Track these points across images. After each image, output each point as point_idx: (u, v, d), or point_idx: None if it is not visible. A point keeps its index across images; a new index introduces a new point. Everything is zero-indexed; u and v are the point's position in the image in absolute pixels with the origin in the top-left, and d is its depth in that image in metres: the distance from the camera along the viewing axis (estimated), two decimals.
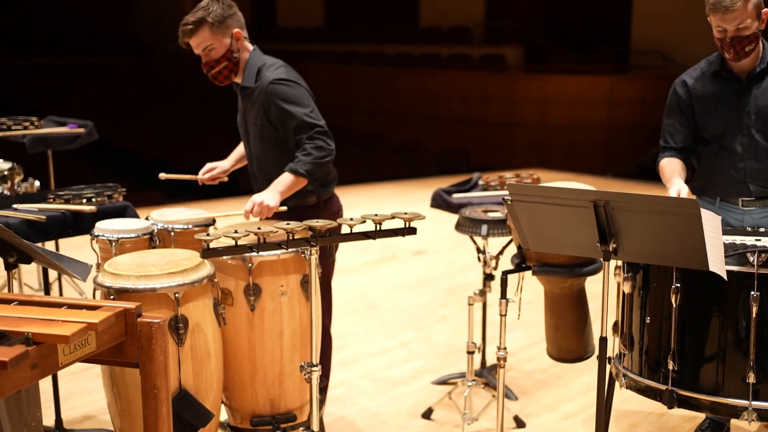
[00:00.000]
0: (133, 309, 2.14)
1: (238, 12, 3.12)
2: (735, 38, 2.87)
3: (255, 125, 3.11)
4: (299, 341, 2.92)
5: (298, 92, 3.05)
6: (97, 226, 2.96)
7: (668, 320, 2.52)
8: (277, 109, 3.02)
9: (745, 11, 2.82)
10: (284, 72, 3.08)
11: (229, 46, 3.05)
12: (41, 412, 2.17)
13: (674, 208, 2.22)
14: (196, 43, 3.05)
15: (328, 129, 3.05)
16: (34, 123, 4.66)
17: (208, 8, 3.01)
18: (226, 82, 3.14)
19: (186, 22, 3.04)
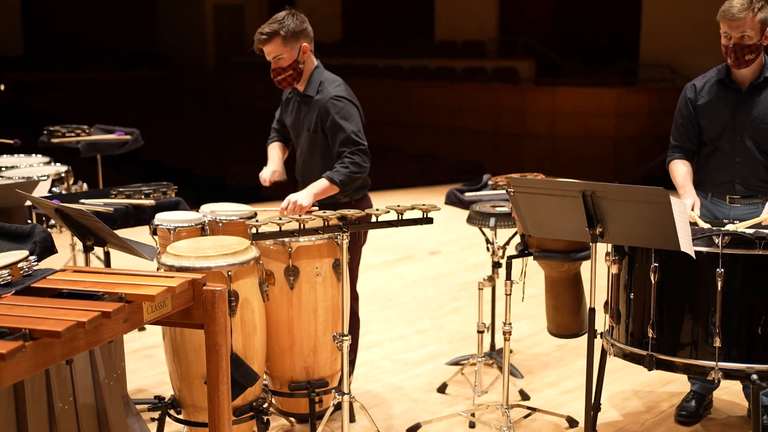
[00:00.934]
0: (200, 279, 2.59)
1: (309, 27, 3.51)
2: (737, 45, 3.28)
3: (308, 130, 3.53)
4: (331, 317, 3.37)
5: (352, 111, 3.47)
6: (157, 217, 3.42)
7: (648, 295, 2.96)
8: (331, 121, 3.42)
9: (750, 22, 3.23)
10: (344, 90, 3.50)
11: (296, 57, 3.45)
12: (125, 363, 2.63)
13: (647, 197, 2.66)
14: (267, 50, 3.45)
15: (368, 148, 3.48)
16: (85, 131, 5.16)
17: (283, 21, 3.42)
18: (289, 87, 3.55)
19: (262, 31, 3.44)
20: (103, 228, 2.90)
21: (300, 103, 3.61)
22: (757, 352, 2.81)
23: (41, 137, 5.19)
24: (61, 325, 2.07)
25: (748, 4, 3.24)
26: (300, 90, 3.58)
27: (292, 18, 3.46)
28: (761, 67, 3.39)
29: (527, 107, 13.34)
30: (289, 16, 3.46)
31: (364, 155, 3.45)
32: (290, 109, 3.71)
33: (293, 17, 3.46)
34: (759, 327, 2.81)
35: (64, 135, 5.03)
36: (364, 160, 3.45)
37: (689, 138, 3.52)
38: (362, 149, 3.45)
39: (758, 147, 3.38)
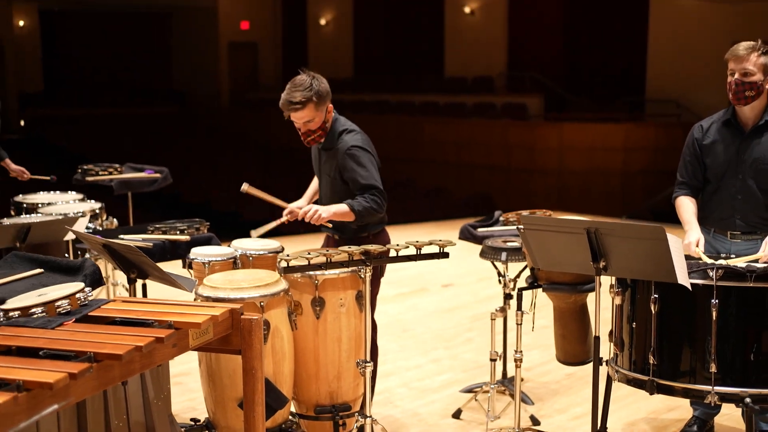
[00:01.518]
0: (239, 308, 2.85)
1: (328, 88, 3.69)
2: (739, 81, 3.55)
3: (328, 175, 3.78)
4: (354, 345, 3.61)
5: (367, 158, 3.70)
6: (193, 251, 3.68)
7: (649, 324, 3.19)
8: (349, 169, 3.66)
9: (752, 61, 3.50)
10: (360, 140, 3.71)
11: (323, 118, 3.66)
12: (170, 385, 2.88)
13: (646, 234, 2.91)
14: (298, 116, 3.62)
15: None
16: (117, 169, 5.46)
17: (312, 88, 3.58)
18: (313, 144, 3.77)
19: (293, 100, 3.59)
20: (147, 262, 3.16)
21: (321, 151, 3.85)
22: (750, 377, 3.04)
23: (75, 175, 5.49)
24: (121, 349, 2.33)
25: (751, 47, 3.54)
26: (322, 141, 3.81)
27: (317, 82, 3.62)
28: (763, 109, 3.65)
29: (536, 142, 13.64)
30: (314, 81, 3.62)
31: (381, 197, 3.69)
32: (314, 156, 3.98)
33: (317, 81, 3.63)
34: (751, 354, 3.03)
35: (98, 173, 5.33)
36: (382, 201, 3.69)
37: (695, 175, 3.76)
38: (378, 191, 3.68)
39: (759, 186, 3.62)
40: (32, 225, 4.10)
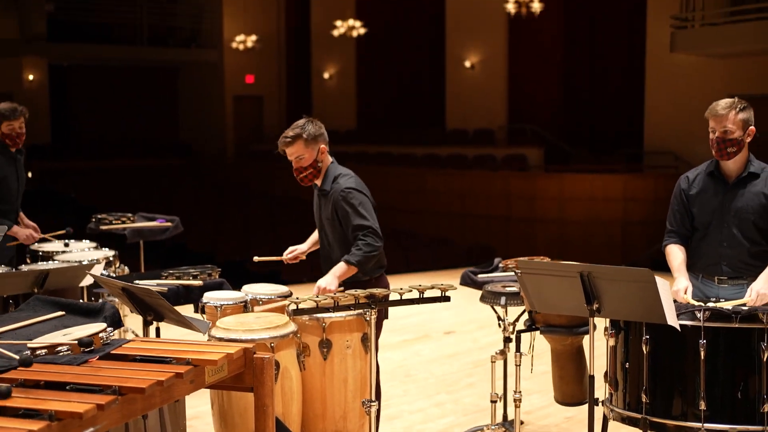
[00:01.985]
0: (251, 348, 3.02)
1: (325, 132, 4.03)
2: (720, 139, 3.75)
3: (327, 219, 4.01)
4: (359, 386, 3.76)
5: (362, 200, 3.94)
6: (206, 296, 3.86)
7: (641, 365, 3.34)
8: (343, 210, 3.91)
9: (732, 119, 3.70)
10: (354, 182, 3.97)
11: (315, 157, 3.96)
12: (186, 421, 3.03)
13: (635, 277, 3.09)
14: (290, 152, 3.95)
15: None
16: (130, 218, 5.66)
17: (304, 127, 3.94)
18: (310, 183, 4.04)
19: (285, 135, 3.95)
20: (164, 305, 3.33)
21: (320, 197, 4.10)
22: (738, 414, 3.19)
23: (89, 224, 5.69)
24: (144, 383, 2.49)
25: (730, 105, 3.73)
26: (318, 185, 4.07)
27: (312, 124, 3.98)
28: (746, 162, 3.85)
29: (537, 193, 13.87)
30: (309, 123, 3.98)
31: (375, 236, 3.90)
32: (314, 203, 4.20)
33: (312, 123, 3.98)
34: (738, 392, 3.19)
35: (112, 222, 5.53)
36: (375, 240, 3.89)
37: (683, 224, 3.95)
38: (372, 231, 3.90)
39: (743, 234, 3.80)
40: (50, 271, 4.29)
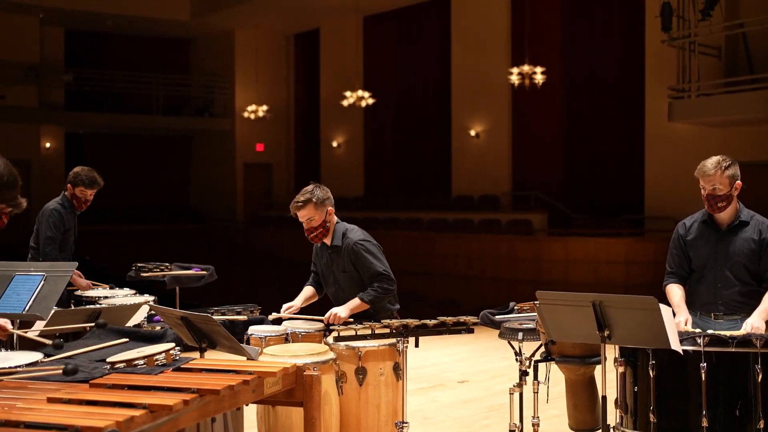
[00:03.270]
0: (302, 366, 3.40)
1: (330, 195, 4.60)
2: (710, 195, 4.20)
3: (344, 272, 4.51)
4: (391, 411, 4.12)
5: (374, 249, 4.52)
6: (251, 329, 4.25)
7: (649, 387, 3.71)
8: (361, 260, 4.45)
9: (719, 177, 4.15)
10: (362, 234, 4.55)
11: (324, 218, 4.50)
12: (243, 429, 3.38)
13: (641, 305, 3.48)
14: (301, 214, 4.51)
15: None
16: (168, 267, 6.07)
17: (313, 192, 4.51)
18: (319, 241, 4.59)
19: (297, 200, 4.52)
20: (220, 331, 3.71)
21: (331, 254, 4.63)
22: (737, 429, 3.54)
23: (129, 272, 6.10)
24: (218, 386, 2.88)
25: (717, 164, 4.18)
26: (328, 243, 4.61)
27: (319, 189, 4.57)
28: (736, 211, 4.28)
29: (542, 255, 14.28)
30: (317, 188, 4.57)
31: (388, 280, 4.48)
32: (323, 261, 4.73)
33: (320, 188, 4.57)
34: (737, 409, 3.55)
35: (151, 270, 5.94)
36: (390, 284, 4.48)
37: (681, 265, 4.36)
38: (386, 277, 4.48)
39: (735, 276, 4.22)
40: (102, 309, 4.68)
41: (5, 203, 2.95)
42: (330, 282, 4.64)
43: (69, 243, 5.98)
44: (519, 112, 17.80)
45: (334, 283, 4.63)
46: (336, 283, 4.60)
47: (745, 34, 13.38)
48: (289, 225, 24.03)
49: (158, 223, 22.32)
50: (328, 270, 4.65)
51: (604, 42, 16.36)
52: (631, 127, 15.80)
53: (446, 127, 19.14)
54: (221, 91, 23.21)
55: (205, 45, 23.76)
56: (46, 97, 21.55)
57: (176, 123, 23.11)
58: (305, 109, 23.36)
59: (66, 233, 5.95)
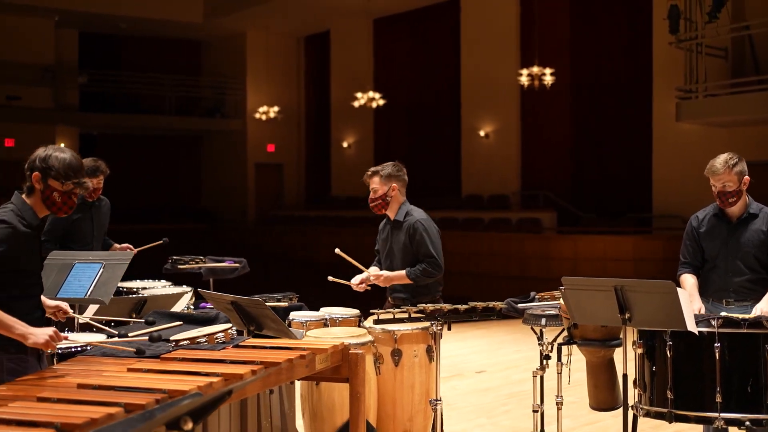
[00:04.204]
0: (347, 345, 3.69)
1: (404, 176, 4.87)
2: (721, 192, 4.48)
3: (399, 246, 4.76)
4: (424, 391, 4.41)
5: (432, 232, 4.80)
6: (292, 314, 4.54)
7: (666, 367, 3.99)
8: (418, 238, 4.72)
9: (729, 175, 4.44)
10: (425, 216, 4.83)
11: (386, 192, 4.80)
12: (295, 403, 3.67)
13: (660, 288, 3.76)
14: (369, 183, 4.84)
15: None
16: (202, 259, 6.36)
17: (385, 166, 4.83)
18: (378, 212, 4.89)
19: (369, 171, 4.87)
20: (268, 314, 4.00)
21: (391, 228, 4.90)
22: (748, 404, 3.82)
23: (165, 265, 6.39)
24: (280, 359, 3.17)
25: (725, 162, 4.47)
26: (391, 218, 4.88)
27: (392, 166, 4.87)
28: (746, 205, 4.57)
29: (551, 253, 14.56)
30: (390, 165, 4.87)
31: (435, 266, 4.75)
32: (383, 236, 4.96)
33: (394, 166, 4.86)
34: (748, 386, 3.83)
35: (187, 263, 6.23)
36: (434, 269, 4.75)
37: (695, 256, 4.65)
38: (434, 262, 4.74)
39: (745, 265, 4.50)
40: (148, 298, 4.97)
41: (73, 185, 3.24)
42: (386, 256, 4.94)
43: (83, 234, 5.86)
44: (528, 112, 18.07)
45: (389, 257, 4.93)
46: (391, 257, 4.91)
47: (752, 35, 13.65)
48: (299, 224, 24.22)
49: (170, 222, 22.62)
50: (386, 244, 4.96)
51: (612, 44, 16.64)
52: (638, 127, 16.07)
53: (456, 127, 19.42)
54: (232, 92, 23.52)
55: (217, 47, 24.07)
56: (61, 98, 21.88)
57: (188, 123, 23.43)
58: (316, 110, 23.66)
59: (74, 224, 5.78)
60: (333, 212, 21.23)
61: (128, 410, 2.42)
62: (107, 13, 20.48)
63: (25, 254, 3.18)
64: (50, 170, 3.17)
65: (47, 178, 3.18)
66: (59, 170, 3.17)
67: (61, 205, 3.23)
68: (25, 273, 3.16)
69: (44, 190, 3.20)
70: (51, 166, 3.17)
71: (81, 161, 3.29)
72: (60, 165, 3.17)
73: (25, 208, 3.21)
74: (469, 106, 18.98)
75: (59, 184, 3.19)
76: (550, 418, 5.35)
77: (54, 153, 3.19)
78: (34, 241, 3.24)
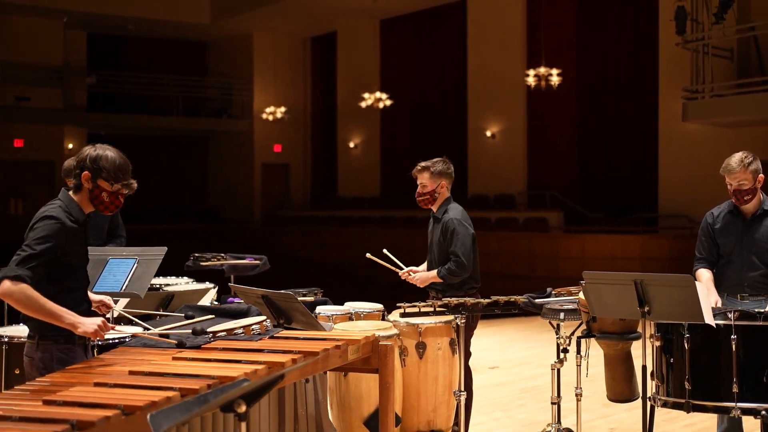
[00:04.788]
0: (378, 336, 3.82)
1: (451, 173, 5.02)
2: (737, 190, 4.61)
3: (436, 241, 4.95)
4: (447, 383, 4.54)
5: (463, 231, 4.92)
6: (318, 308, 4.67)
7: (684, 358, 4.12)
8: (449, 235, 4.88)
9: (744, 173, 4.57)
10: (460, 215, 4.96)
11: (434, 188, 4.96)
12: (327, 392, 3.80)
13: (679, 282, 3.89)
14: (418, 177, 4.98)
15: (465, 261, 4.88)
16: (223, 257, 6.49)
17: (435, 162, 4.96)
18: (425, 207, 5.05)
19: (419, 165, 4.98)
20: (298, 307, 4.13)
21: (434, 223, 5.12)
22: (764, 394, 3.94)
23: (187, 262, 6.52)
24: (317, 349, 3.30)
25: (740, 161, 4.59)
26: (434, 211, 5.08)
27: (442, 163, 5.01)
28: (760, 202, 4.70)
29: (559, 252, 14.69)
30: (441, 162, 5.02)
31: (460, 265, 4.87)
32: (429, 229, 5.22)
33: (443, 163, 5.01)
34: (764, 376, 3.96)
35: (209, 260, 6.36)
36: (459, 268, 4.87)
37: (710, 251, 4.78)
38: (459, 261, 4.86)
39: (760, 260, 4.63)
40: (175, 293, 5.11)
41: (120, 185, 3.38)
42: (429, 250, 5.13)
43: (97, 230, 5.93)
44: (534, 113, 18.20)
45: (431, 250, 5.12)
46: (431, 250, 5.10)
47: (757, 36, 13.78)
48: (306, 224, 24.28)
49: (177, 222, 22.78)
50: (430, 237, 5.15)
51: (618, 45, 16.77)
52: (644, 127, 16.20)
53: (462, 128, 19.55)
54: (239, 93, 23.67)
55: (223, 48, 24.22)
56: (69, 98, 22.03)
57: (195, 124, 23.58)
58: (322, 110, 23.80)
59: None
60: (339, 212, 21.38)
61: (183, 394, 2.55)
62: (115, 14, 20.63)
63: (74, 249, 3.31)
64: (101, 171, 3.29)
65: (97, 178, 3.31)
66: (110, 172, 3.30)
67: (108, 204, 3.37)
68: (72, 267, 3.29)
69: (93, 189, 3.33)
70: (102, 167, 3.29)
71: (128, 162, 3.42)
72: (110, 167, 3.30)
73: (72, 204, 3.34)
74: (475, 106, 19.11)
75: (108, 185, 3.32)
76: (566, 411, 5.51)
77: (104, 153, 3.32)
78: (80, 237, 3.37)
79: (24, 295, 3.07)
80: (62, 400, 2.45)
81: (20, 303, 3.10)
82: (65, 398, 2.46)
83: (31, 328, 3.31)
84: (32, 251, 3.14)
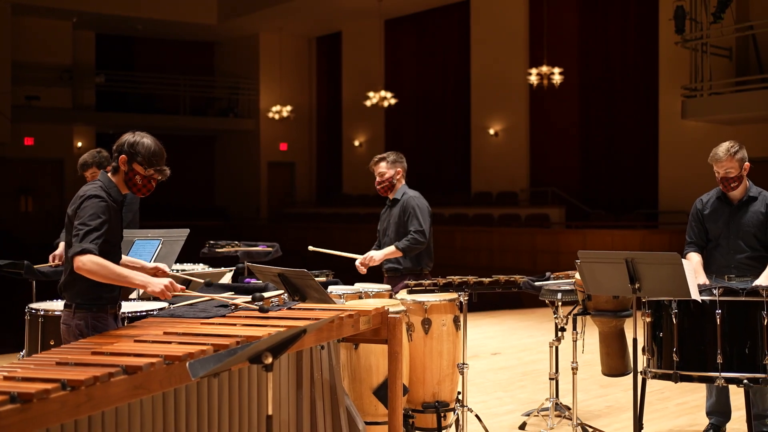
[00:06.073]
0: (387, 309, 4.12)
1: (404, 162, 5.49)
2: (724, 178, 4.90)
3: (394, 221, 5.38)
4: (451, 357, 4.83)
5: (423, 209, 5.36)
6: (330, 288, 4.97)
7: (672, 332, 4.41)
8: (409, 214, 5.31)
9: (731, 162, 4.86)
10: (419, 196, 5.41)
11: (392, 176, 5.41)
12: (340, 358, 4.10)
13: (667, 260, 4.18)
14: (375, 169, 5.44)
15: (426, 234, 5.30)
16: (238, 244, 6.80)
17: (389, 153, 5.44)
18: (384, 194, 5.50)
19: (375, 158, 5.48)
20: (313, 284, 4.42)
21: (390, 207, 5.54)
22: (746, 365, 4.23)
23: (203, 249, 6.83)
24: (329, 317, 3.60)
25: (727, 150, 4.88)
26: (390, 198, 5.51)
27: (395, 154, 5.52)
28: (746, 189, 4.99)
29: (561, 247, 14.97)
30: (393, 153, 5.53)
31: (421, 235, 5.29)
32: (383, 216, 5.61)
33: (395, 154, 5.52)
34: (746, 348, 4.25)
35: (224, 247, 6.67)
36: (421, 237, 5.29)
37: (700, 236, 5.07)
38: (420, 232, 5.29)
39: (745, 243, 4.92)
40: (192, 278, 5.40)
41: (155, 171, 3.68)
42: (384, 233, 5.50)
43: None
44: (536, 111, 18.50)
45: (386, 234, 5.50)
46: (387, 233, 5.48)
47: (755, 35, 14.06)
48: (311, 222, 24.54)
49: (184, 220, 23.07)
50: (384, 222, 5.54)
51: (619, 44, 17.06)
52: (645, 125, 16.48)
53: (466, 126, 19.85)
54: (246, 93, 24.00)
55: (230, 48, 24.56)
56: (78, 98, 22.38)
57: (202, 123, 23.92)
58: (328, 109, 24.12)
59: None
60: (344, 209, 21.69)
61: (216, 349, 2.85)
62: (124, 15, 20.98)
63: (116, 226, 3.60)
64: (137, 155, 3.59)
65: (133, 162, 3.60)
66: (145, 156, 3.59)
67: (140, 187, 3.66)
68: (112, 243, 3.58)
69: (128, 172, 3.62)
70: (138, 152, 3.58)
71: (163, 150, 3.71)
72: (146, 152, 3.59)
73: (111, 185, 3.64)
74: (478, 104, 19.40)
75: (142, 169, 3.61)
76: (564, 392, 5.82)
77: (141, 140, 3.61)
78: (119, 215, 3.66)
79: (95, 264, 3.34)
80: (109, 351, 2.75)
81: (93, 273, 3.36)
82: (111, 351, 2.76)
83: (67, 297, 3.60)
84: (89, 227, 3.41)
